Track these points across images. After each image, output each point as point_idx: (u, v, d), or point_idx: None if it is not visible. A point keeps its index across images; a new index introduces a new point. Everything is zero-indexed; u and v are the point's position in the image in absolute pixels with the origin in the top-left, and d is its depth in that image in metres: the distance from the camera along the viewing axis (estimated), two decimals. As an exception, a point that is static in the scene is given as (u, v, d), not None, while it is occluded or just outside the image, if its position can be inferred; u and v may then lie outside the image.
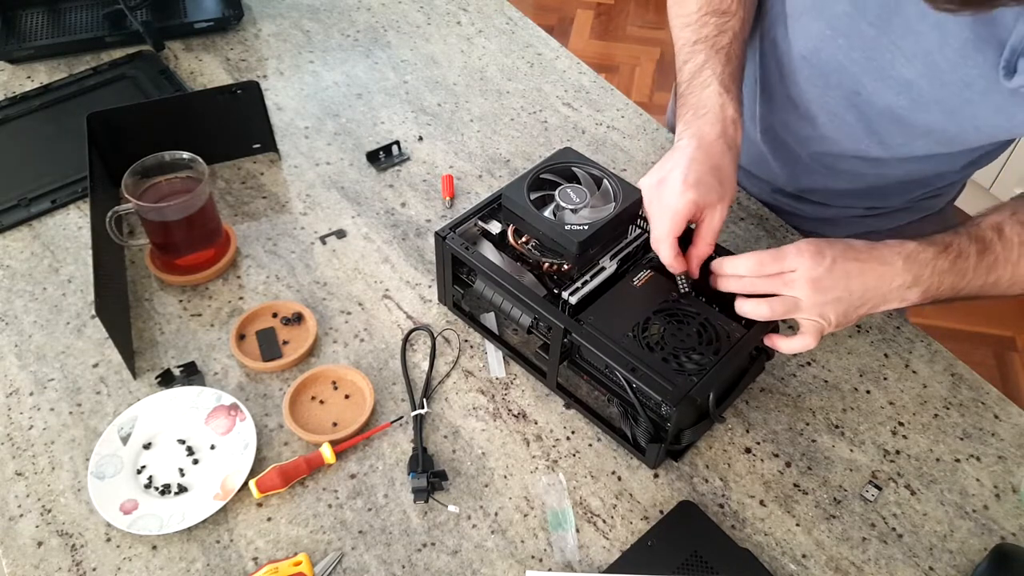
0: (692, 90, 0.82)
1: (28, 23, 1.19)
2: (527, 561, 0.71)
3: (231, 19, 1.21)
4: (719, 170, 0.75)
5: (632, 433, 0.76)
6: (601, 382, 0.76)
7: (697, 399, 0.69)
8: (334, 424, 0.78)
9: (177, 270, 0.89)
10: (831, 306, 0.70)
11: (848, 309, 0.71)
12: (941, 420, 0.82)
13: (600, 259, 0.79)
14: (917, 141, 0.83)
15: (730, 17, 0.84)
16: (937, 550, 0.73)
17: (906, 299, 0.71)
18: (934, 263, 0.70)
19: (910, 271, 0.70)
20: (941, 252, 0.71)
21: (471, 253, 0.79)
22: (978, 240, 0.72)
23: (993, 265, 0.72)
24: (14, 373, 0.82)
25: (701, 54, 0.83)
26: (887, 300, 0.71)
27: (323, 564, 0.69)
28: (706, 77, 0.81)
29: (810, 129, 0.89)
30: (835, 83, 0.82)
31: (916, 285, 0.70)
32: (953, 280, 0.71)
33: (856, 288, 0.70)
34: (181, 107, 0.97)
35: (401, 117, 1.11)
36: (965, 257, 0.71)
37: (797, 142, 0.94)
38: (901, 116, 0.79)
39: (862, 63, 0.77)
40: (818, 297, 0.70)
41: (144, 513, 0.71)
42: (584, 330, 0.73)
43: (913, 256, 0.70)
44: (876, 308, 0.72)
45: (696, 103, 0.80)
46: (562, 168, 0.81)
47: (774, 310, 0.71)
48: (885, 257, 0.70)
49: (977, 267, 0.71)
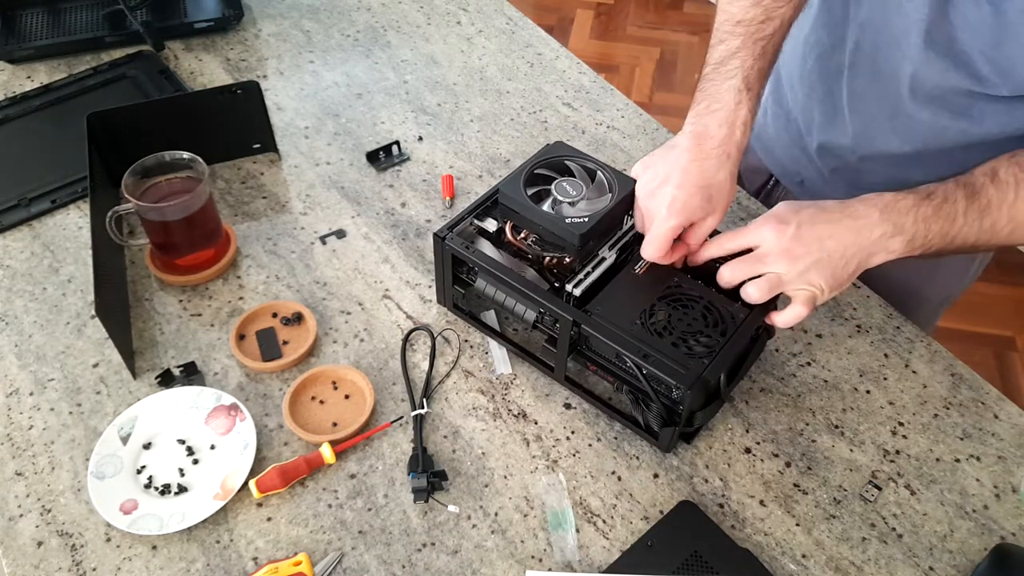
0: (715, 77, 0.78)
1: (28, 23, 1.19)
2: (527, 561, 0.71)
3: (231, 19, 1.21)
4: (709, 188, 0.75)
5: (644, 419, 0.76)
6: (610, 371, 0.76)
7: (710, 380, 0.71)
8: (334, 424, 0.78)
9: (177, 270, 0.89)
10: (814, 271, 0.69)
11: (835, 270, 0.70)
12: (941, 420, 0.82)
13: (600, 250, 0.80)
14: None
15: (785, 2, 0.78)
16: (937, 550, 0.73)
17: (891, 250, 0.70)
18: (916, 210, 0.69)
19: (889, 220, 0.69)
20: (923, 199, 0.69)
21: (472, 252, 0.79)
22: (966, 185, 0.70)
23: (987, 208, 0.69)
24: (14, 373, 0.82)
25: (738, 39, 0.78)
26: (872, 253, 0.70)
27: (323, 564, 0.69)
28: (733, 67, 0.77)
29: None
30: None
31: (899, 234, 0.69)
32: (942, 226, 0.69)
33: (834, 248, 0.69)
34: (181, 107, 0.97)
35: (401, 117, 1.11)
36: (952, 202, 0.69)
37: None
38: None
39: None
40: (796, 265, 0.69)
41: (144, 513, 0.71)
42: (594, 321, 0.73)
43: (891, 205, 0.69)
44: (865, 264, 0.70)
45: (714, 94, 0.77)
46: (555, 162, 0.81)
47: (760, 290, 0.71)
48: (859, 211, 0.70)
49: (968, 211, 0.69)
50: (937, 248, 0.71)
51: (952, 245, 0.71)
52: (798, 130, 0.97)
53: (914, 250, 0.70)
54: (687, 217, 0.74)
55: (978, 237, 0.70)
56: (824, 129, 0.92)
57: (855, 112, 0.87)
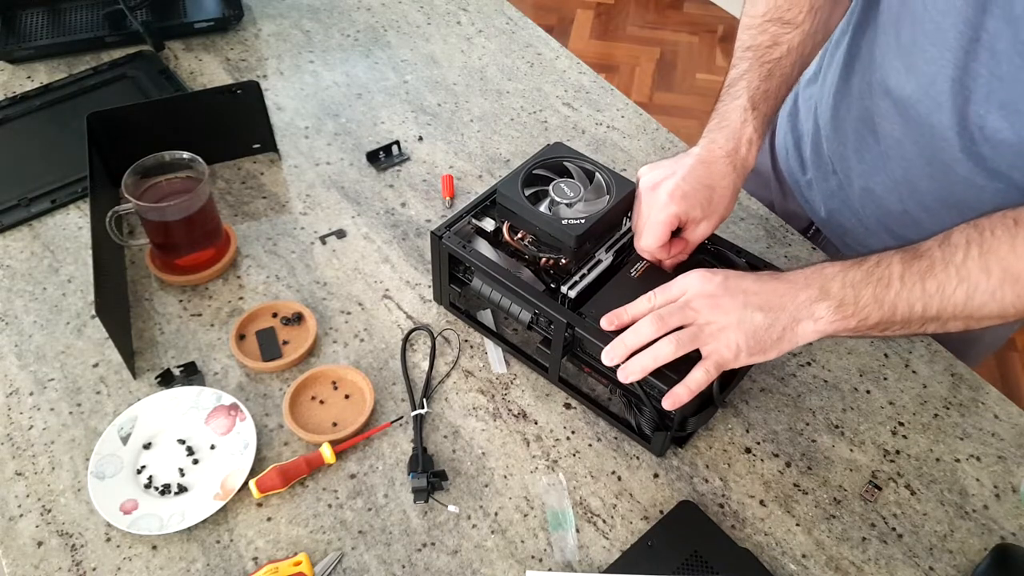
0: (725, 98, 0.81)
1: (28, 23, 1.19)
2: (527, 561, 0.71)
3: (231, 19, 1.21)
4: (712, 189, 0.75)
5: (637, 422, 0.76)
6: (604, 374, 0.76)
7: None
8: (334, 424, 0.78)
9: (177, 270, 0.89)
10: (734, 330, 0.66)
11: (757, 331, 0.65)
12: (941, 420, 0.82)
13: (596, 252, 0.80)
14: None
15: (792, 29, 0.80)
16: (937, 550, 0.73)
17: (818, 316, 0.65)
18: (843, 275, 0.65)
19: (814, 283, 0.65)
20: (853, 264, 0.65)
21: (468, 251, 0.79)
22: (908, 250, 0.65)
23: (928, 270, 0.63)
24: (14, 373, 0.82)
25: (746, 62, 0.81)
26: (797, 319, 0.65)
27: (323, 564, 0.69)
28: (740, 88, 0.80)
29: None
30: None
31: (824, 298, 0.65)
32: (875, 291, 0.64)
33: (758, 305, 0.66)
34: (181, 107, 0.97)
35: (401, 117, 1.11)
36: (885, 265, 0.64)
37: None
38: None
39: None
40: (717, 315, 0.66)
41: (144, 513, 0.71)
42: (587, 323, 0.73)
43: (818, 270, 0.66)
44: (791, 331, 0.66)
45: (724, 112, 0.80)
46: (553, 163, 0.81)
47: (680, 341, 0.66)
48: (786, 276, 0.68)
49: (905, 274, 0.63)
50: (877, 319, 0.64)
51: (896, 315, 0.64)
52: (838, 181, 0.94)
53: (847, 319, 0.65)
54: (687, 208, 0.74)
55: (926, 304, 0.63)
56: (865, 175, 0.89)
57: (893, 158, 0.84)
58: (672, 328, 0.68)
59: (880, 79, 0.80)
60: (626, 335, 0.69)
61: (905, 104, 0.78)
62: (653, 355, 0.67)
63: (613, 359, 0.69)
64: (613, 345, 0.69)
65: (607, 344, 0.70)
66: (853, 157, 0.90)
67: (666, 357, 0.67)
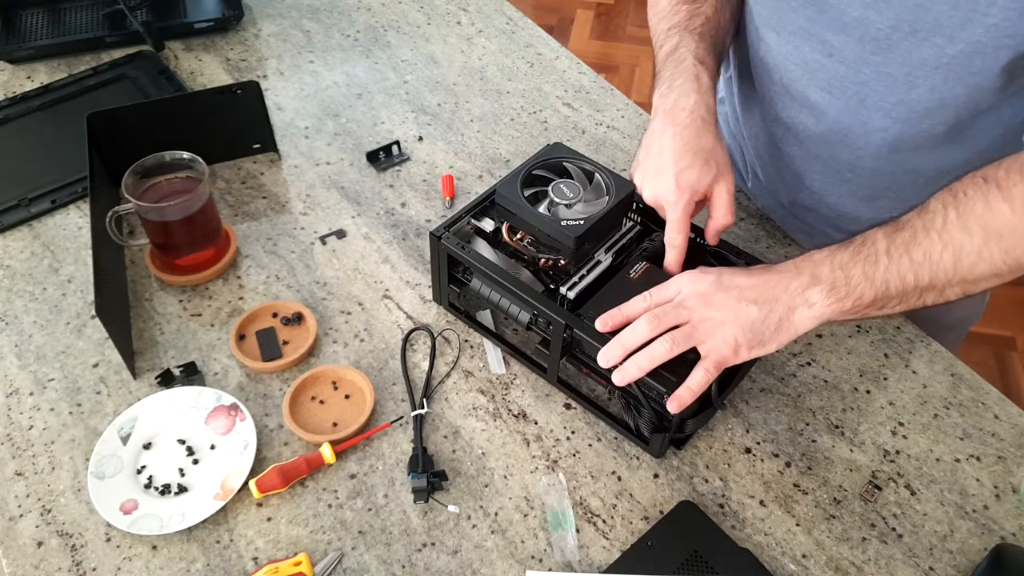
0: (667, 66, 0.81)
1: (28, 23, 1.19)
2: (527, 561, 0.71)
3: (231, 19, 1.21)
4: (701, 153, 0.75)
5: (635, 424, 0.76)
6: (602, 375, 0.76)
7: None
8: (334, 424, 0.78)
9: (177, 270, 0.89)
10: (731, 325, 0.66)
11: (754, 324, 0.66)
12: (941, 420, 0.82)
13: (595, 253, 0.80)
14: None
15: (701, 3, 0.85)
16: (937, 550, 0.73)
17: (812, 302, 0.66)
18: (831, 258, 0.66)
19: (805, 271, 0.66)
20: (840, 247, 0.66)
21: (467, 252, 0.79)
22: (889, 224, 0.66)
23: (912, 240, 0.64)
24: (14, 373, 0.82)
25: (675, 37, 0.83)
26: (792, 308, 0.66)
27: (323, 564, 0.69)
28: (681, 54, 0.81)
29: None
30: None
31: (816, 284, 0.65)
32: (864, 269, 0.64)
33: (753, 299, 0.66)
34: (181, 107, 0.97)
35: (401, 117, 1.11)
36: (870, 243, 0.65)
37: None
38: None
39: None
40: (711, 312, 0.66)
41: (144, 513, 0.71)
42: (585, 324, 0.73)
43: (807, 257, 0.67)
44: (787, 320, 0.66)
45: (671, 75, 0.80)
46: (553, 163, 0.81)
47: (675, 340, 0.67)
48: (777, 267, 0.68)
49: (891, 248, 0.64)
50: (872, 296, 0.65)
51: (891, 289, 0.65)
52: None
53: (841, 300, 0.65)
54: (692, 188, 0.74)
55: (917, 273, 0.64)
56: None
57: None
58: (667, 328, 0.68)
59: (773, 113, 0.86)
60: (622, 335, 0.69)
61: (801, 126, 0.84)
62: (649, 355, 0.67)
63: (609, 360, 0.69)
64: (610, 346, 0.69)
65: (605, 345, 0.70)
66: (776, 179, 0.95)
67: (662, 357, 0.67)
